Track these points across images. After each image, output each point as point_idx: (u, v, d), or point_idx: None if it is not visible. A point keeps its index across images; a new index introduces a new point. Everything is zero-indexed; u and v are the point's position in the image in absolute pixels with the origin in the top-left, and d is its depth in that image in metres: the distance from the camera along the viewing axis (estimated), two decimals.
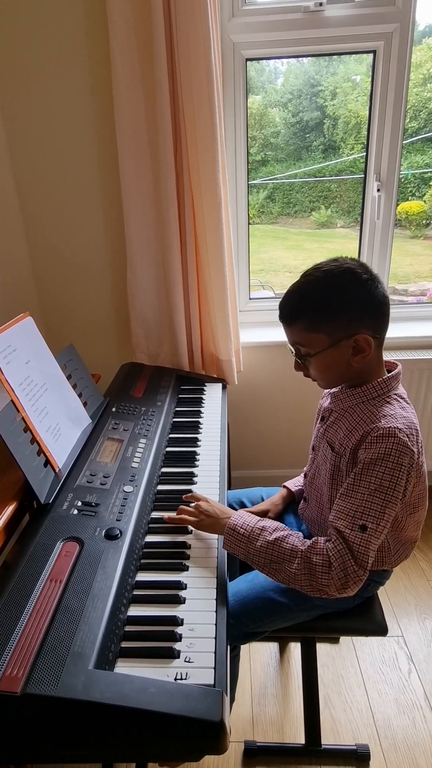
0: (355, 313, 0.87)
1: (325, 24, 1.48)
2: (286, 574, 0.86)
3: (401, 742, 1.22)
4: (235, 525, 0.90)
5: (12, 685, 0.61)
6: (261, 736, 1.24)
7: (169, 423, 1.32)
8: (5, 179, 1.57)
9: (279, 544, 0.87)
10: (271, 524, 0.91)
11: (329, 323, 0.88)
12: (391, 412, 0.88)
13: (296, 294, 0.92)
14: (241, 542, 0.89)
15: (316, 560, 0.84)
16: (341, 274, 0.88)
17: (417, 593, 1.61)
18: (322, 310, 0.88)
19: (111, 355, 1.82)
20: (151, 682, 0.63)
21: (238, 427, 1.92)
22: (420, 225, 3.31)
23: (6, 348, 0.99)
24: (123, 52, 1.35)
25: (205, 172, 1.42)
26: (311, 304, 0.89)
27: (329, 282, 0.88)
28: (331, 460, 0.96)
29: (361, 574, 0.83)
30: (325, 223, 3.50)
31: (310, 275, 0.91)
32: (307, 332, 0.90)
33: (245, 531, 0.89)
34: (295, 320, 0.91)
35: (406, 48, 1.50)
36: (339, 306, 0.87)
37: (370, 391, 0.92)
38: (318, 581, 0.83)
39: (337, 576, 0.82)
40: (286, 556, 0.86)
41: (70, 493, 0.95)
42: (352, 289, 0.87)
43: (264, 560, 0.87)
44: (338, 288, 0.87)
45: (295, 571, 0.84)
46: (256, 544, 0.88)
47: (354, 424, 0.92)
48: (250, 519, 0.91)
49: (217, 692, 0.63)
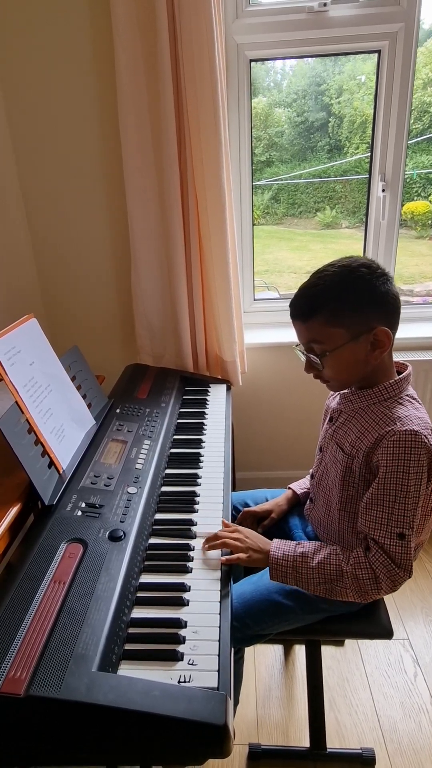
0: (373, 306, 0.87)
1: (329, 24, 1.48)
2: (336, 592, 0.88)
3: (407, 747, 1.21)
4: (277, 558, 0.91)
5: (15, 687, 0.61)
6: (265, 739, 1.24)
7: (174, 424, 1.32)
8: (10, 181, 1.58)
9: (323, 568, 0.89)
10: (309, 548, 0.92)
11: (350, 316, 0.87)
12: (406, 413, 0.88)
13: (313, 289, 0.90)
14: (289, 573, 0.91)
15: (362, 575, 0.86)
16: (358, 268, 0.87)
17: (423, 596, 1.60)
18: (342, 302, 0.87)
19: (115, 357, 1.83)
20: (154, 685, 0.63)
21: (242, 429, 1.91)
22: (426, 225, 3.30)
23: (10, 349, 0.99)
24: (127, 54, 1.35)
25: (209, 173, 1.42)
26: (330, 297, 0.88)
27: (346, 276, 0.87)
28: (342, 462, 0.95)
29: (407, 576, 0.85)
30: (330, 224, 3.49)
31: (324, 271, 0.90)
32: (326, 326, 0.88)
33: (287, 562, 0.91)
34: (313, 315, 0.89)
35: (411, 48, 1.49)
36: (358, 299, 0.87)
37: (382, 393, 0.92)
38: (369, 593, 0.86)
39: (386, 585, 0.85)
40: (333, 577, 0.88)
41: (74, 495, 0.95)
42: (370, 283, 0.87)
43: (314, 585, 0.89)
44: (357, 282, 0.87)
45: (345, 588, 0.87)
46: (302, 572, 0.90)
47: (366, 425, 0.91)
48: (288, 548, 0.93)
49: (220, 695, 0.63)
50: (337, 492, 0.98)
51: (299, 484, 1.22)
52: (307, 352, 0.94)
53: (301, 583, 0.91)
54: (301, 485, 1.21)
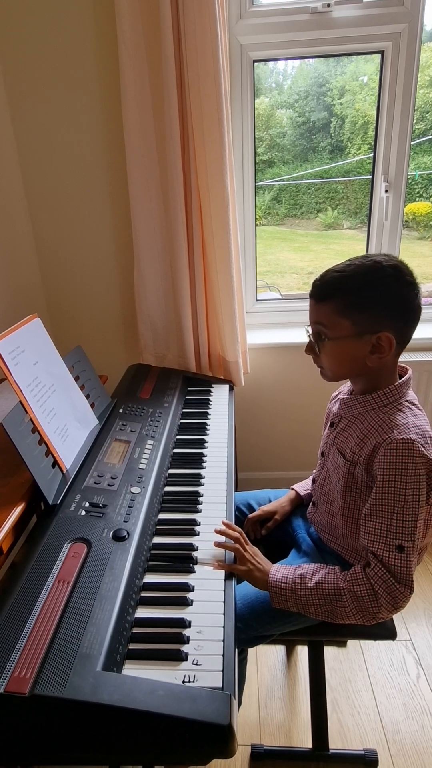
0: (387, 311, 0.86)
1: (333, 25, 1.48)
2: (338, 614, 0.86)
3: (410, 748, 1.21)
4: (276, 581, 0.90)
5: (20, 686, 0.61)
6: (268, 739, 1.23)
7: (177, 424, 1.32)
8: (15, 182, 1.58)
9: (321, 587, 0.87)
10: (308, 570, 0.91)
11: (359, 313, 0.86)
12: (404, 421, 0.87)
13: (337, 274, 0.88)
14: (288, 596, 0.89)
15: (360, 591, 0.84)
16: (388, 268, 0.85)
17: (426, 597, 1.60)
18: (357, 296, 0.86)
19: (118, 357, 1.83)
20: (159, 685, 0.63)
21: (244, 429, 1.91)
22: (428, 226, 3.30)
23: (14, 349, 0.99)
24: (131, 54, 1.35)
25: (212, 173, 1.42)
26: (349, 288, 0.86)
27: (374, 272, 0.86)
28: (344, 468, 0.95)
29: (408, 592, 0.82)
30: (332, 225, 3.49)
31: (356, 260, 0.88)
32: (335, 314, 0.88)
33: (286, 585, 0.90)
34: (327, 299, 0.89)
35: (415, 48, 1.49)
36: (374, 299, 0.86)
37: (381, 398, 0.91)
38: (369, 612, 0.84)
39: (386, 601, 0.82)
40: (331, 596, 0.86)
41: (77, 494, 0.95)
42: (394, 287, 0.85)
43: (315, 607, 0.88)
44: (380, 281, 0.85)
45: (345, 608, 0.85)
46: (300, 594, 0.88)
47: (366, 432, 0.91)
48: (287, 571, 0.92)
49: (225, 695, 0.63)
50: (340, 497, 0.97)
51: (302, 485, 1.22)
52: (312, 332, 0.94)
53: (301, 607, 0.89)
54: (304, 486, 1.21)
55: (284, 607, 0.90)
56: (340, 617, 0.87)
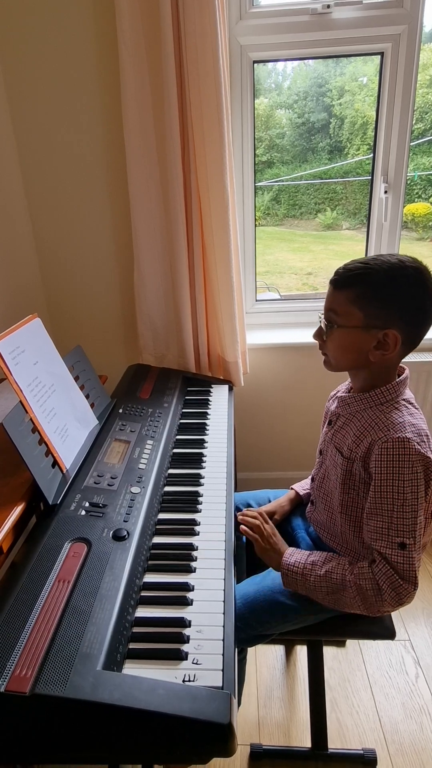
0: (401, 310, 0.87)
1: (332, 26, 1.48)
2: (343, 603, 0.90)
3: (408, 747, 1.21)
4: (289, 564, 0.95)
5: (21, 685, 0.61)
6: (267, 739, 1.24)
7: (176, 424, 1.32)
8: (15, 182, 1.58)
9: (329, 577, 0.91)
10: (319, 558, 0.95)
11: (373, 306, 0.87)
12: (399, 420, 0.88)
13: (361, 265, 0.90)
14: (299, 580, 0.94)
15: (365, 586, 0.86)
16: (411, 269, 0.86)
17: (424, 596, 1.60)
18: (374, 290, 0.87)
19: (118, 357, 1.83)
20: (159, 684, 0.63)
21: (244, 429, 1.91)
22: (426, 227, 3.30)
23: (15, 349, 0.99)
24: (131, 54, 1.35)
25: (212, 173, 1.42)
26: (369, 280, 0.87)
27: (396, 270, 0.87)
28: (342, 465, 0.95)
29: (412, 588, 0.85)
30: (331, 225, 3.50)
31: (382, 256, 0.90)
32: (349, 303, 0.89)
33: (298, 569, 0.94)
34: (345, 287, 0.90)
35: (414, 50, 1.50)
36: (391, 296, 0.87)
37: (378, 397, 0.92)
38: (373, 605, 0.87)
39: (390, 596, 0.84)
40: (338, 587, 0.90)
41: (77, 494, 0.95)
42: (414, 289, 0.86)
43: (322, 594, 0.92)
44: (400, 280, 0.86)
45: (350, 599, 0.88)
46: (309, 579, 0.92)
47: (362, 430, 0.92)
48: (301, 556, 0.96)
49: (225, 694, 0.63)
50: (338, 495, 0.98)
51: (301, 485, 1.22)
52: (324, 318, 0.95)
53: (310, 592, 0.93)
54: (303, 486, 1.21)
55: (294, 589, 0.95)
56: (345, 606, 0.90)
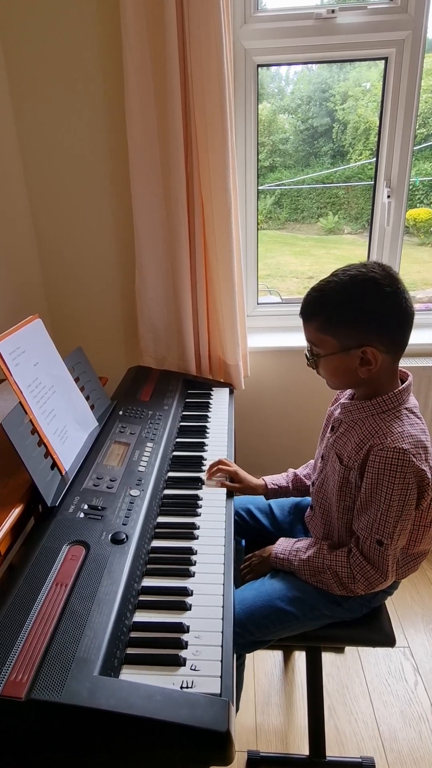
0: (369, 324, 0.86)
1: (336, 31, 1.49)
2: (323, 584, 0.97)
3: (407, 756, 1.20)
4: (277, 552, 1.04)
5: (16, 690, 0.60)
6: (264, 746, 1.22)
7: (176, 427, 1.32)
8: (17, 183, 1.58)
9: (311, 561, 0.98)
10: (303, 544, 1.03)
11: (341, 329, 0.88)
12: (399, 430, 0.87)
13: (317, 293, 0.91)
14: (285, 564, 1.02)
15: (341, 572, 0.93)
16: (364, 282, 0.86)
17: (424, 603, 1.59)
18: (336, 314, 0.88)
19: (118, 358, 1.82)
20: (156, 690, 0.62)
21: (244, 433, 1.91)
22: (428, 232, 3.31)
23: (15, 350, 0.99)
24: (135, 56, 1.35)
25: (215, 177, 1.42)
26: (328, 306, 0.88)
27: (351, 288, 0.86)
28: (340, 473, 0.95)
29: (383, 579, 0.90)
30: (333, 230, 3.50)
31: (335, 276, 0.89)
32: (318, 332, 0.91)
33: (284, 555, 1.03)
34: (310, 318, 0.92)
35: (418, 55, 1.50)
36: (354, 314, 0.86)
37: (380, 405, 0.92)
38: (348, 588, 0.94)
39: (362, 584, 0.92)
40: (318, 570, 0.97)
41: (76, 497, 0.94)
42: (372, 300, 0.85)
43: (305, 576, 0.99)
44: (357, 296, 0.86)
45: (329, 581, 0.95)
46: (294, 563, 1.01)
47: (363, 438, 0.92)
48: (287, 543, 1.05)
49: (223, 702, 0.62)
50: (336, 501, 0.99)
51: (271, 479, 1.22)
52: (307, 350, 0.97)
53: (295, 573, 1.00)
54: (274, 480, 1.22)
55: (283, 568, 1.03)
56: (325, 587, 0.97)
